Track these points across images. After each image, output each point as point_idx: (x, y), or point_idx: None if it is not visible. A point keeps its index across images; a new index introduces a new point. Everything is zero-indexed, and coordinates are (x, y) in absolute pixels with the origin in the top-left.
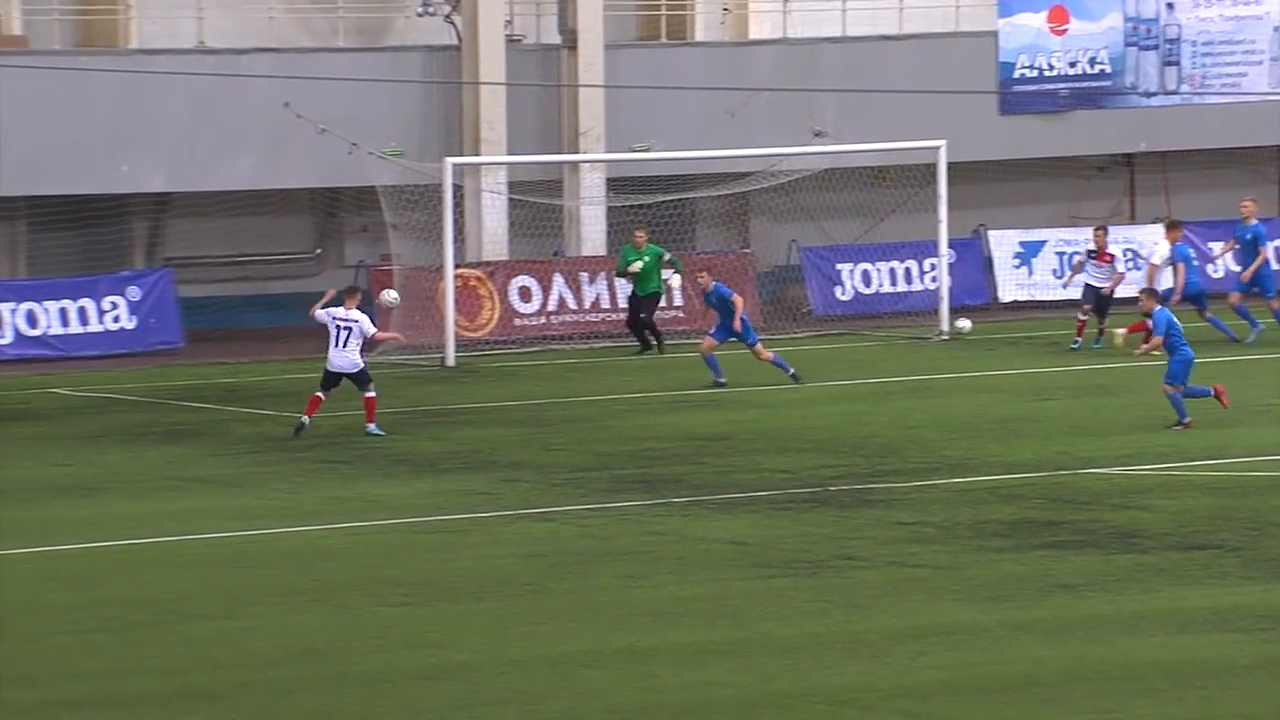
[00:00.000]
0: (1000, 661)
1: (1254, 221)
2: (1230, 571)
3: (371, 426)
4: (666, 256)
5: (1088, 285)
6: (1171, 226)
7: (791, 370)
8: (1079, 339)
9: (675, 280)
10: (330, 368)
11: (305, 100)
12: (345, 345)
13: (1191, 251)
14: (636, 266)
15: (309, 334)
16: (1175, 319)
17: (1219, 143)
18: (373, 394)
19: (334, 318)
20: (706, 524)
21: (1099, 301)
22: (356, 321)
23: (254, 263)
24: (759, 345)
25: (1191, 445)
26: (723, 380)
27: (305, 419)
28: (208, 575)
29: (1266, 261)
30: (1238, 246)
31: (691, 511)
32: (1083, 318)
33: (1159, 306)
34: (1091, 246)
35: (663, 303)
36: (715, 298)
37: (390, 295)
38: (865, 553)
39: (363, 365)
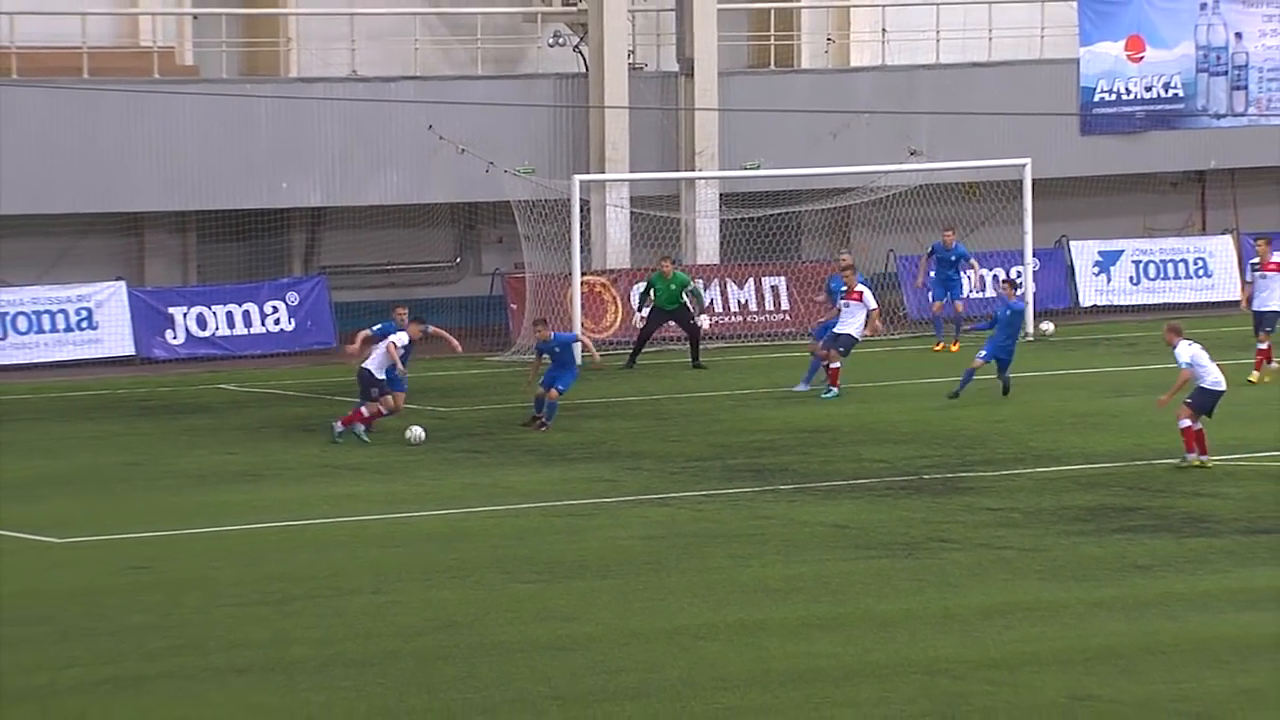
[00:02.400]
0: (1080, 635)
1: None
2: None
3: (350, 429)
4: (690, 287)
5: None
6: None
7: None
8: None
9: (703, 320)
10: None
11: (446, 123)
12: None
13: None
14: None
15: (451, 334)
16: None
17: None
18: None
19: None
20: (811, 509)
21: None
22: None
23: (400, 270)
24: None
25: (1258, 438)
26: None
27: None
28: (358, 554)
29: None
30: None
31: (797, 498)
32: (1262, 347)
33: None
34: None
35: (769, 305)
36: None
37: (416, 432)
38: (956, 536)
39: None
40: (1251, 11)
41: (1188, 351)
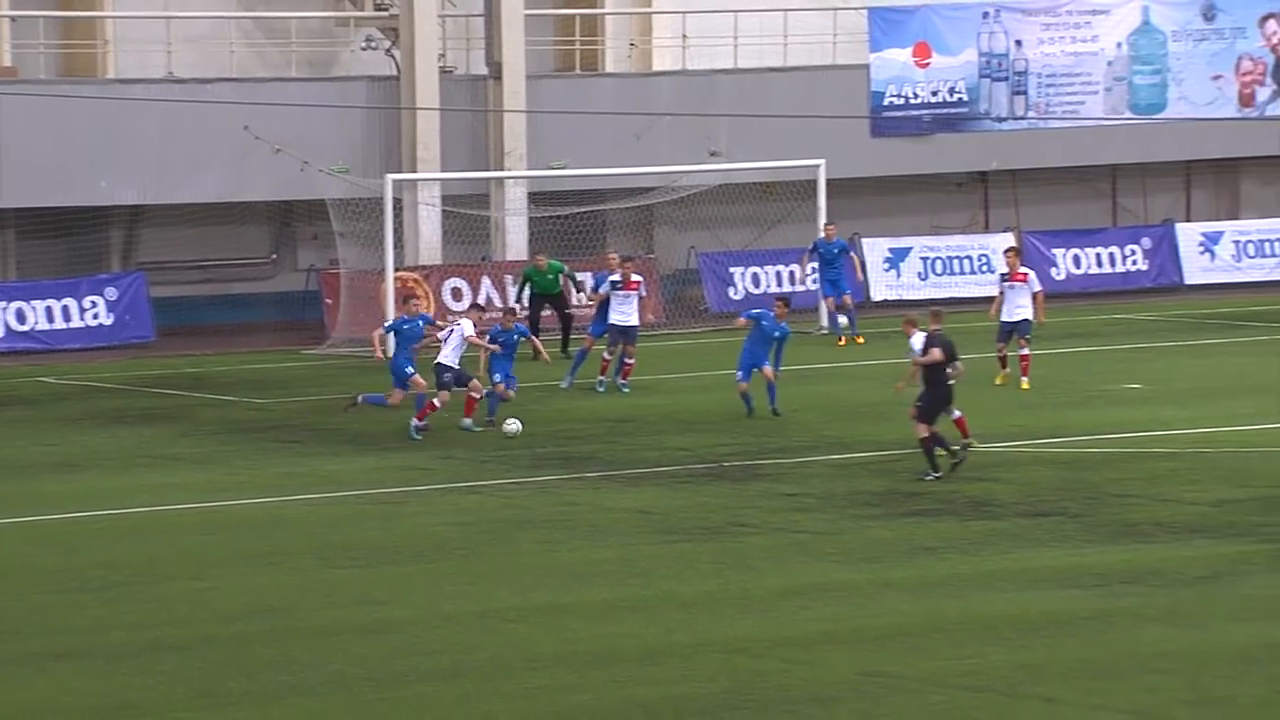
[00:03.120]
0: (872, 615)
1: None
2: (1071, 535)
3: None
4: (566, 271)
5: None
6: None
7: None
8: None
9: (581, 298)
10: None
11: (263, 124)
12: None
13: None
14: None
15: (266, 329)
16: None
17: (1060, 162)
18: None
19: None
20: (616, 496)
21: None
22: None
23: (217, 267)
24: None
25: (1037, 425)
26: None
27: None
28: (177, 542)
29: None
30: None
31: (603, 485)
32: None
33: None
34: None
35: (574, 300)
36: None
37: (512, 425)
38: (755, 520)
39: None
40: (1031, 20)
41: (921, 342)
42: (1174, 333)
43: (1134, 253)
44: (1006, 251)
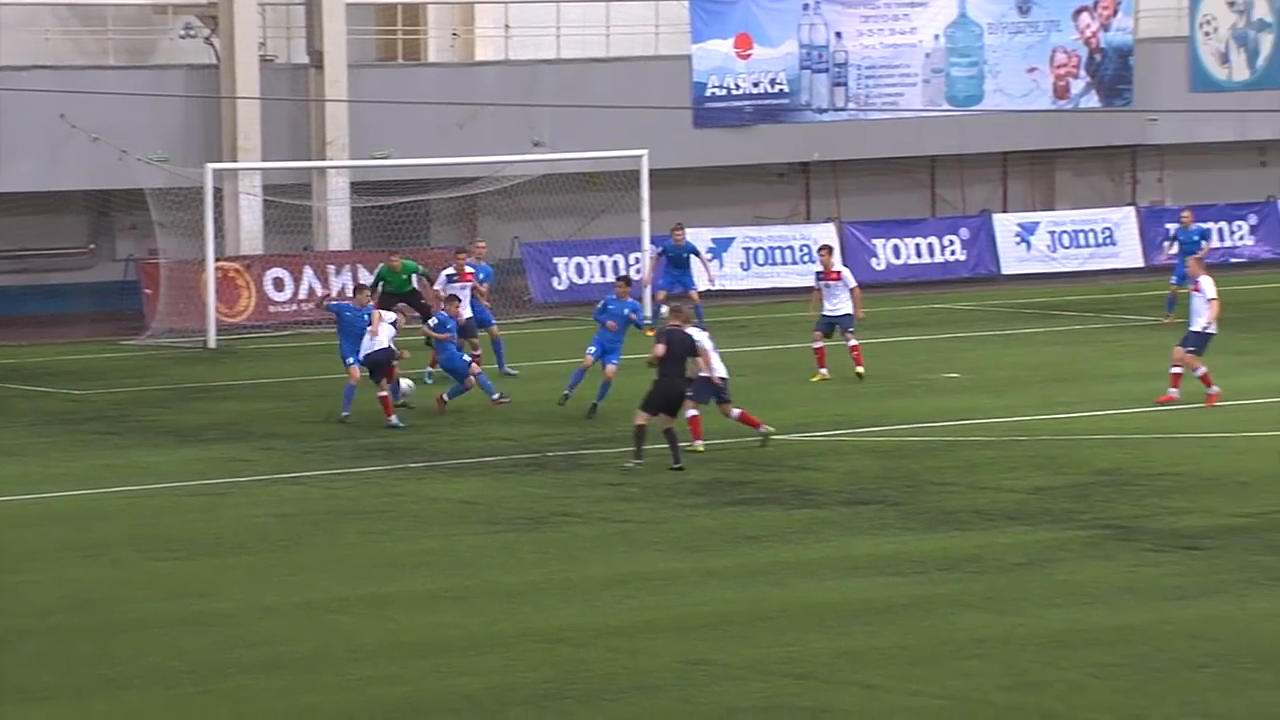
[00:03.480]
0: (695, 603)
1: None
2: (891, 523)
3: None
4: (420, 271)
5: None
6: None
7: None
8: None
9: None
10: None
11: (80, 112)
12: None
13: None
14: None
15: (83, 319)
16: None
17: (880, 153)
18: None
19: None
20: (440, 486)
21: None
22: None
23: (33, 256)
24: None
25: (858, 413)
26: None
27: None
28: None
29: None
30: None
31: (427, 475)
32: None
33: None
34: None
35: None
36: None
37: (407, 384)
38: (579, 510)
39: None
40: (850, 12)
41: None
42: (991, 322)
43: (952, 243)
44: (820, 250)
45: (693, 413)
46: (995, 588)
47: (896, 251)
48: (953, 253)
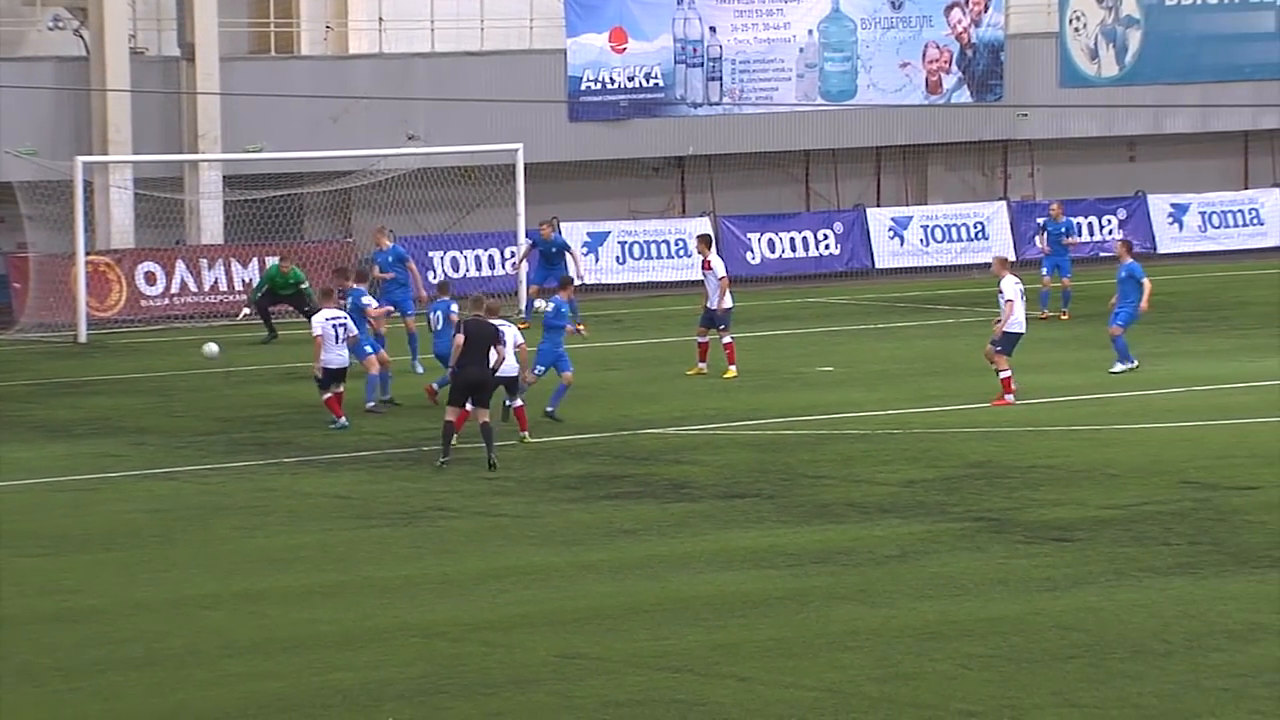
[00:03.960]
0: (570, 597)
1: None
2: (766, 517)
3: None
4: (305, 285)
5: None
6: None
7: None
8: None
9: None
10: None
11: None
12: (340, 344)
13: None
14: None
15: None
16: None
17: (755, 147)
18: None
19: (327, 319)
20: (314, 481)
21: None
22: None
23: None
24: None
25: (734, 407)
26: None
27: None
28: None
29: None
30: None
31: (301, 470)
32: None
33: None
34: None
35: None
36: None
37: (211, 348)
38: (454, 504)
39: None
40: (724, 7)
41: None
42: (865, 316)
43: (827, 237)
44: (698, 239)
45: (518, 403)
46: (869, 580)
47: (771, 246)
48: (827, 247)
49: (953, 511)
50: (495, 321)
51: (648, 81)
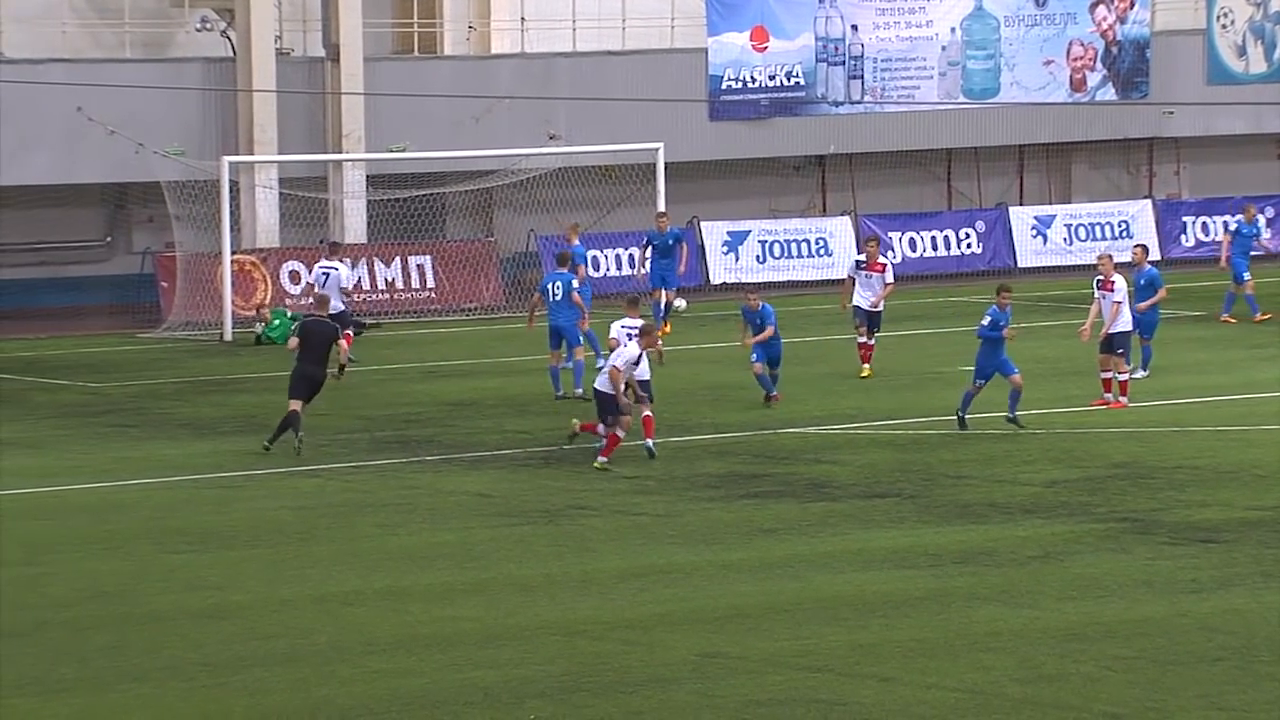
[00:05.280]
0: (711, 596)
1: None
2: (907, 516)
3: (649, 443)
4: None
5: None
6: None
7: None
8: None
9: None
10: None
11: (96, 105)
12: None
13: None
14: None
15: (101, 312)
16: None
17: (896, 146)
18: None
19: (623, 327)
20: (456, 479)
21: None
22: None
23: (50, 249)
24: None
25: (874, 407)
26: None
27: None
28: (10, 527)
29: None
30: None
31: (442, 468)
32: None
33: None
34: (1099, 276)
35: (415, 283)
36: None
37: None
38: (594, 503)
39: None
40: (866, 5)
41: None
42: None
43: (968, 236)
44: (868, 241)
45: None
46: (1011, 581)
47: (912, 244)
48: (969, 246)
49: (1096, 512)
50: (639, 321)
51: (789, 80)
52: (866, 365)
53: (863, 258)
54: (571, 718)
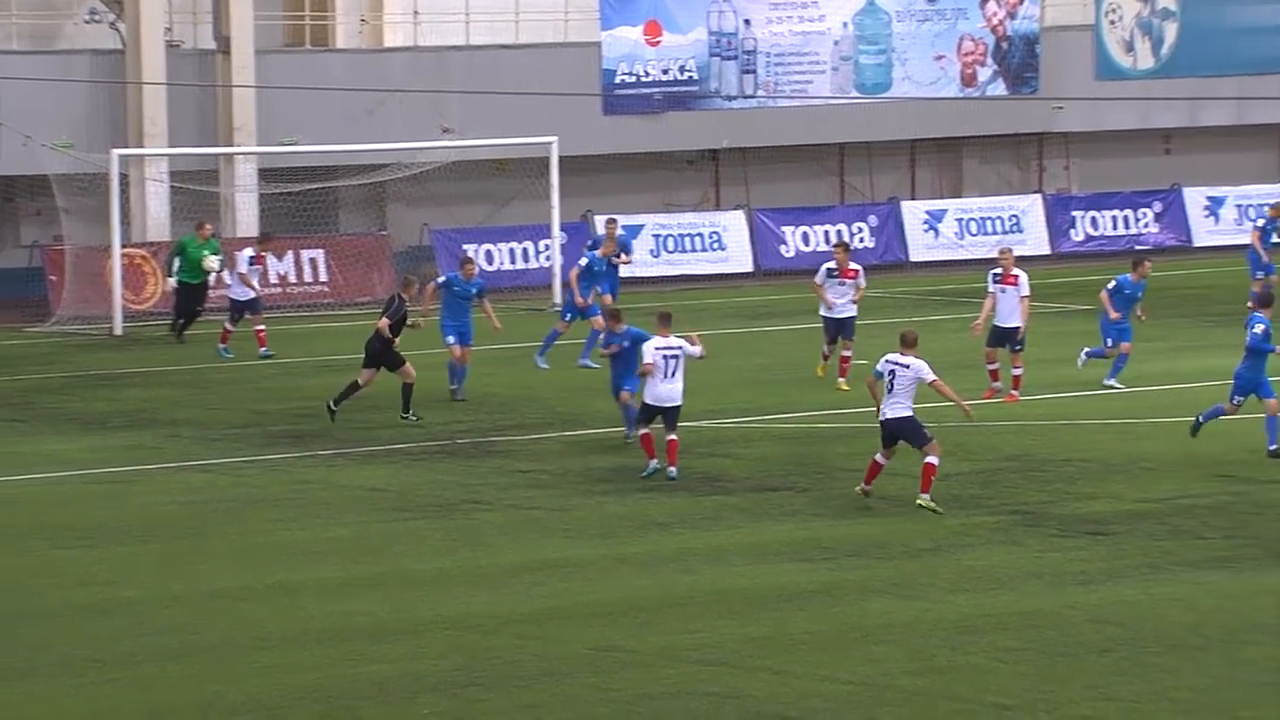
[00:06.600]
0: (604, 590)
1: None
2: (800, 509)
3: (672, 470)
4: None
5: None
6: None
7: None
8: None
9: (214, 263)
10: (658, 403)
11: None
12: (673, 376)
13: None
14: (213, 262)
15: None
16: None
17: (789, 140)
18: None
19: (657, 348)
20: (349, 473)
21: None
22: (680, 349)
23: None
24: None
25: (767, 401)
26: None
27: (654, 464)
28: None
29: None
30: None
31: (336, 463)
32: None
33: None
34: (997, 270)
35: (308, 277)
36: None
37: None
38: (488, 497)
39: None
40: (759, 0)
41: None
42: (899, 309)
43: (861, 230)
44: (836, 246)
45: (671, 437)
46: (903, 573)
47: (805, 239)
48: (861, 240)
49: (987, 505)
50: (673, 340)
51: (682, 74)
52: (842, 379)
53: (833, 265)
54: (465, 712)
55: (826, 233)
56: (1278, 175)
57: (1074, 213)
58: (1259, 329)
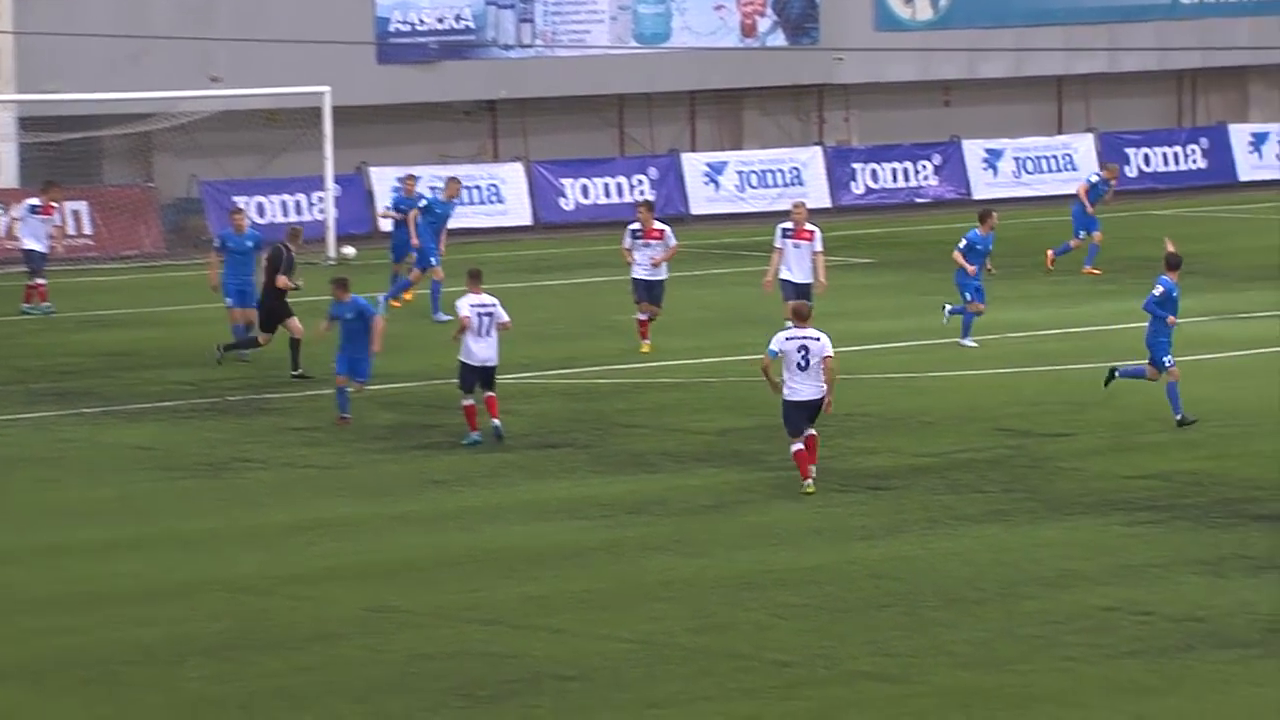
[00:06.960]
0: (380, 549)
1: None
2: (579, 467)
3: (496, 422)
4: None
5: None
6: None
7: None
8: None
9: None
10: (473, 361)
11: None
12: (488, 334)
13: None
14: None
15: None
16: None
17: (568, 91)
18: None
19: (472, 305)
20: (116, 432)
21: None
22: (493, 306)
23: None
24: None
25: (547, 357)
26: None
27: (475, 435)
28: None
29: None
30: None
31: (102, 421)
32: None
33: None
34: (788, 225)
35: (71, 229)
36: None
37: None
38: (261, 455)
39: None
40: None
41: None
42: (679, 263)
43: (641, 182)
44: (640, 205)
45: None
46: (683, 530)
47: (585, 191)
48: (641, 192)
49: (768, 461)
50: (486, 298)
51: (458, 23)
52: (645, 341)
53: (637, 225)
54: (236, 675)
55: (606, 185)
56: (1055, 128)
57: (854, 165)
58: (1157, 290)
